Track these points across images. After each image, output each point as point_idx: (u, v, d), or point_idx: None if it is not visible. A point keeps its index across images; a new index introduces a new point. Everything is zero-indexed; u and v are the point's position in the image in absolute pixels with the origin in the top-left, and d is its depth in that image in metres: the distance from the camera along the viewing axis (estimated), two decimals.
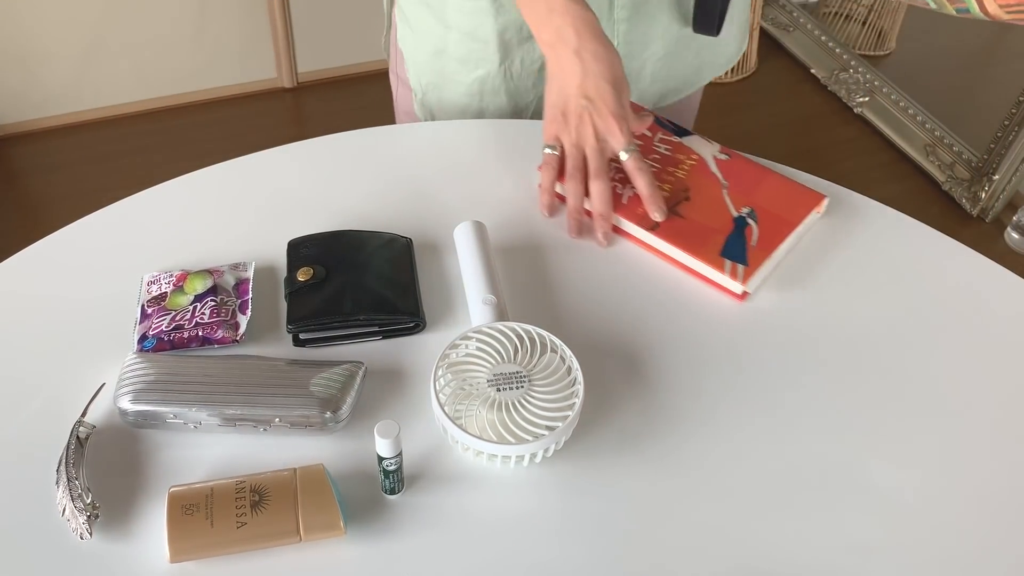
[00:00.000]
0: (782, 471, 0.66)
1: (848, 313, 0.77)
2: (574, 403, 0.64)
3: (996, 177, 2.04)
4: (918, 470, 0.66)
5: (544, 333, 0.68)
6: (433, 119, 1.03)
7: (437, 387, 0.64)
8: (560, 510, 0.63)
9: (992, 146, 2.05)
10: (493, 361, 0.66)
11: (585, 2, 0.79)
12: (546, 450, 0.63)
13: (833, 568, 0.60)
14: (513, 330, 0.68)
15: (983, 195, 2.07)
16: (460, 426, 0.62)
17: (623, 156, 0.80)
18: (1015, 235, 2.01)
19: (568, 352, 0.67)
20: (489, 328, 0.68)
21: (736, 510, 0.63)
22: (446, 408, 0.63)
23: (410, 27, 0.98)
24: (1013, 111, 1.99)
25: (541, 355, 0.67)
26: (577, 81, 0.78)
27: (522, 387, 0.64)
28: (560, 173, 0.82)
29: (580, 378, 0.65)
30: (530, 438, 0.62)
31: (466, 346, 0.67)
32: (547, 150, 0.82)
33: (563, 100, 0.80)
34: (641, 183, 0.79)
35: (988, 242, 2.04)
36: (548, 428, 0.62)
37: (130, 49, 2.17)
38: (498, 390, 0.64)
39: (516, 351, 0.67)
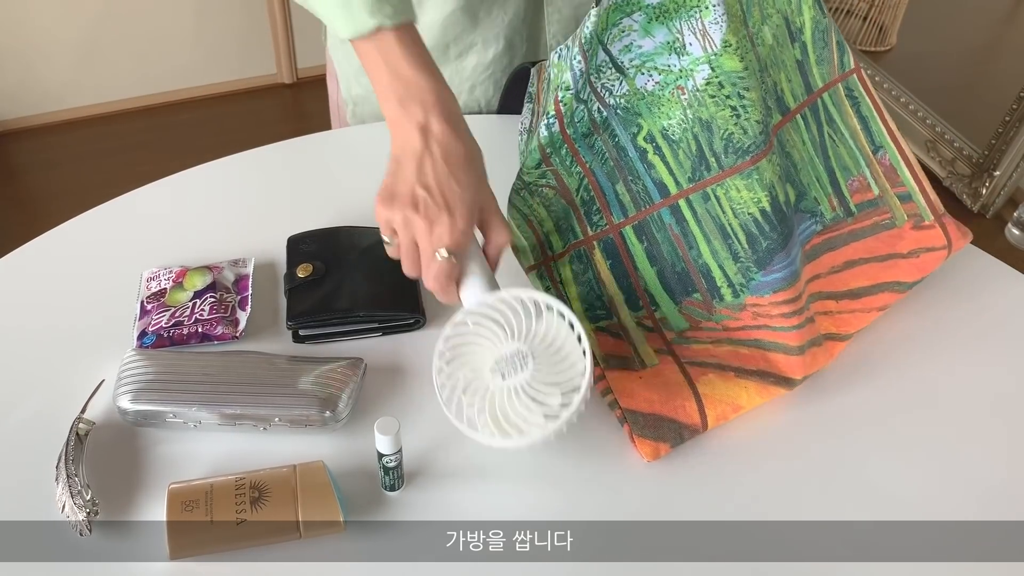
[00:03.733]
0: (782, 469, 0.66)
1: None
2: (583, 368, 0.60)
3: (997, 173, 2.04)
4: (918, 469, 0.66)
5: (534, 295, 0.63)
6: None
7: (438, 383, 0.62)
8: (562, 507, 0.63)
9: (993, 142, 2.05)
10: (491, 343, 0.62)
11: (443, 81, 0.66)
12: (569, 421, 0.59)
13: (833, 566, 0.60)
14: (504, 301, 0.63)
15: (984, 191, 2.07)
16: (473, 427, 0.60)
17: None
18: (1016, 231, 2.01)
19: (563, 308, 0.62)
20: (478, 310, 0.64)
21: (736, 507, 0.63)
22: (452, 410, 0.61)
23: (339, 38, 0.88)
24: (1014, 107, 1.99)
25: (538, 322, 0.63)
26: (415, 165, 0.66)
27: (526, 367, 0.61)
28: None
29: (581, 331, 0.61)
30: (548, 422, 0.59)
31: (461, 335, 0.64)
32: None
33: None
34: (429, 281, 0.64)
35: (989, 238, 2.04)
36: (563, 404, 0.59)
37: (129, 45, 2.16)
38: (503, 377, 0.61)
39: (512, 326, 0.62)
